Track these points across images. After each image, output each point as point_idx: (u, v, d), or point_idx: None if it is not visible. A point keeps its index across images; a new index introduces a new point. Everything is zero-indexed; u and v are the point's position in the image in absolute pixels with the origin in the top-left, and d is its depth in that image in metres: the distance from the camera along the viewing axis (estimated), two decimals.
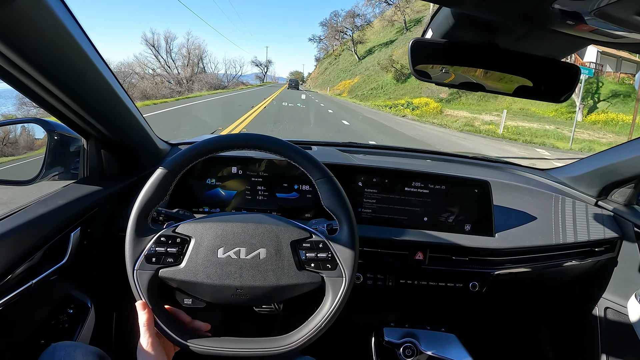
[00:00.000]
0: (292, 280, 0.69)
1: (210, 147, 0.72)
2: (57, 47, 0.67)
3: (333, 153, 1.31)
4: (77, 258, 0.93)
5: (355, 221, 0.72)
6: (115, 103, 0.89)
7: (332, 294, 0.69)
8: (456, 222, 1.10)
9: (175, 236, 0.70)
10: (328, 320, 0.68)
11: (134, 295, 0.69)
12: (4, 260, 0.73)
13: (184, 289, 0.71)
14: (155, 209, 0.72)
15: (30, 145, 1.02)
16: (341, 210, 0.72)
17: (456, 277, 1.10)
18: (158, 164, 1.15)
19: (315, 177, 0.72)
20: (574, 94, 0.84)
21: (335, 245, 0.71)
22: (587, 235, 1.17)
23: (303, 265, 0.70)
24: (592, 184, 1.29)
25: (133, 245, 0.69)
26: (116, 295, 1.16)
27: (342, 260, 0.70)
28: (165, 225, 0.73)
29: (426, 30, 0.78)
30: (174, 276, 0.69)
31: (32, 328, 0.88)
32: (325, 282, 0.70)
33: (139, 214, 0.70)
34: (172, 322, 0.70)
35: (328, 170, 0.73)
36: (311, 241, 0.71)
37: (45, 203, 0.86)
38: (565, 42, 0.76)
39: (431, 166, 1.30)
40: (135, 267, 0.68)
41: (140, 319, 0.68)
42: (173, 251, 0.69)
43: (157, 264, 0.69)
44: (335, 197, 0.72)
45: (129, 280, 0.69)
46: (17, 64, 0.64)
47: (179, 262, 0.69)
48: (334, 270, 0.70)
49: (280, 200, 1.12)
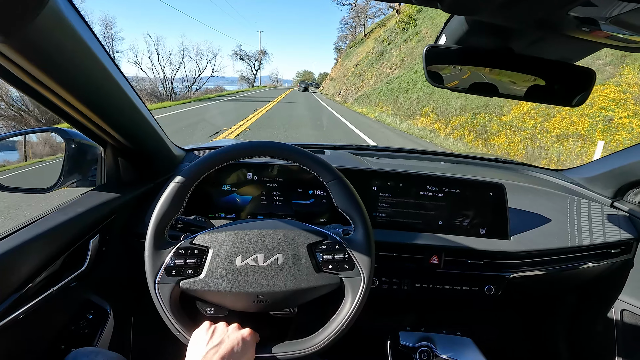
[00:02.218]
0: (311, 283, 0.70)
1: (221, 157, 0.73)
2: (77, 60, 0.68)
3: (346, 157, 1.31)
4: (96, 264, 0.95)
5: (369, 220, 0.73)
6: (132, 112, 0.91)
7: (352, 294, 0.70)
8: (471, 225, 1.10)
9: (193, 247, 0.71)
10: (349, 320, 0.69)
11: (157, 308, 0.70)
12: (26, 268, 0.75)
13: (206, 298, 0.72)
14: (173, 220, 0.73)
15: (48, 154, 1.04)
16: (355, 211, 0.72)
17: (471, 281, 1.10)
18: (174, 171, 1.18)
19: (327, 180, 0.73)
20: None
21: (351, 245, 0.71)
22: (602, 237, 1.16)
23: (321, 268, 0.71)
24: (607, 185, 1.28)
25: (152, 259, 0.70)
26: (134, 301, 1.17)
27: (359, 260, 0.70)
28: (182, 237, 0.74)
29: (439, 36, 0.78)
30: (194, 287, 0.70)
31: (53, 334, 0.89)
32: (343, 282, 0.70)
33: (156, 228, 0.71)
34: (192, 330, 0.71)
35: (339, 172, 0.73)
36: (327, 243, 0.71)
37: (64, 211, 0.87)
38: (579, 46, 0.76)
39: (445, 169, 1.30)
40: (157, 281, 0.69)
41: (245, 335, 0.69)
42: (192, 262, 0.70)
43: (177, 276, 0.70)
44: (347, 198, 0.72)
45: (151, 294, 0.70)
46: (38, 77, 0.65)
47: (198, 273, 0.70)
48: (352, 271, 0.70)
49: (296, 205, 1.13)
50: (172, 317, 0.69)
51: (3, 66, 0.61)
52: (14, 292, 0.73)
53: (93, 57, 0.71)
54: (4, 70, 0.63)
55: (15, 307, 0.73)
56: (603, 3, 0.45)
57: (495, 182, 1.11)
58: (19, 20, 0.51)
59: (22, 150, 1.00)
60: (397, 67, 20.78)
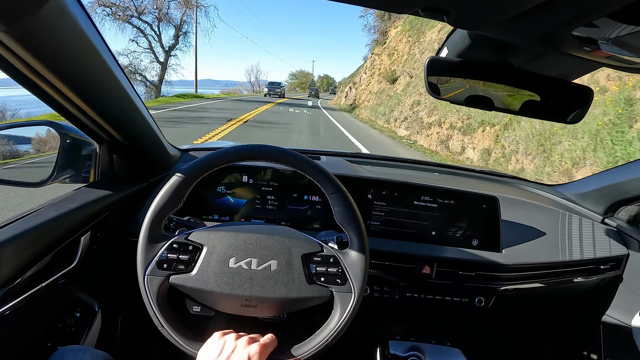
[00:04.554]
0: (301, 294, 0.69)
1: (227, 157, 0.72)
2: (78, 54, 0.68)
3: (341, 164, 1.32)
4: (86, 262, 0.93)
5: (366, 238, 0.72)
6: (131, 110, 0.90)
7: (341, 309, 0.69)
8: (464, 237, 1.10)
9: (187, 243, 0.70)
10: (335, 335, 0.69)
11: (144, 300, 0.69)
12: (15, 263, 0.73)
13: (194, 296, 0.72)
14: (168, 216, 0.73)
15: (42, 148, 1.03)
16: (353, 227, 0.72)
17: (462, 292, 1.11)
18: (169, 170, 1.17)
19: (329, 192, 0.72)
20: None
21: (346, 260, 0.71)
22: (593, 252, 1.17)
23: (313, 279, 0.70)
24: (598, 202, 1.30)
25: (145, 250, 0.70)
26: (122, 300, 1.16)
27: (352, 276, 0.70)
28: (177, 232, 0.74)
29: (441, 48, 0.79)
30: (184, 283, 0.69)
31: (40, 331, 0.88)
32: (334, 296, 0.70)
33: (153, 220, 0.70)
34: (179, 329, 0.70)
35: (342, 185, 0.73)
36: (322, 255, 0.71)
37: (56, 206, 0.86)
38: (579, 64, 0.77)
39: (439, 180, 1.30)
40: (147, 273, 0.69)
41: (264, 340, 0.68)
42: (185, 258, 0.70)
43: (168, 270, 0.69)
44: (348, 213, 0.72)
45: (140, 285, 0.69)
46: (37, 69, 0.64)
47: (190, 270, 0.69)
48: (344, 286, 0.70)
49: (290, 210, 1.12)
50: (157, 311, 0.69)
51: (2, 56, 0.60)
52: (1, 287, 0.72)
53: (95, 52, 0.70)
54: (3, 61, 0.62)
55: (2, 302, 0.72)
56: (605, 24, 0.46)
57: (490, 195, 1.12)
58: (23, 10, 0.50)
59: (15, 142, 0.98)
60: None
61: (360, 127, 14.57)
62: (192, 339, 0.70)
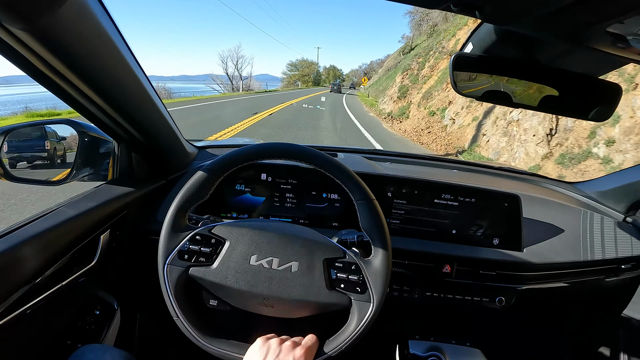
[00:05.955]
0: (320, 298, 0.68)
1: (256, 154, 0.72)
2: (98, 53, 0.67)
3: (359, 161, 1.30)
4: (105, 260, 0.94)
5: (390, 247, 0.71)
6: (150, 108, 0.90)
7: (358, 318, 0.68)
8: (484, 235, 1.09)
9: (210, 236, 0.70)
10: (349, 343, 0.68)
11: (162, 290, 0.69)
12: (35, 261, 0.74)
13: (212, 290, 0.71)
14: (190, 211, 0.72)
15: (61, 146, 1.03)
16: (378, 235, 0.70)
17: (483, 292, 1.09)
18: (187, 167, 1.17)
19: (357, 198, 0.71)
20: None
21: (368, 269, 0.69)
22: (614, 252, 1.15)
23: (333, 285, 0.69)
24: (620, 200, 1.27)
25: (168, 239, 0.69)
26: (141, 298, 1.16)
27: (373, 285, 0.69)
28: (200, 224, 0.73)
29: (466, 44, 0.77)
30: (203, 276, 0.69)
31: (60, 329, 0.88)
32: (352, 304, 0.69)
33: (178, 209, 0.70)
34: (194, 321, 0.70)
35: (371, 192, 0.72)
36: (344, 261, 0.70)
37: (76, 205, 0.86)
38: (606, 60, 0.75)
39: (459, 177, 1.29)
40: (167, 262, 0.69)
41: (306, 343, 0.67)
42: (206, 251, 0.69)
43: (188, 261, 0.69)
44: (374, 221, 0.71)
45: (159, 274, 0.69)
46: (57, 68, 0.64)
47: (210, 263, 0.69)
48: (363, 295, 0.68)
49: (309, 208, 1.12)
50: (174, 301, 0.68)
51: (23, 55, 0.60)
52: (23, 286, 0.72)
53: (115, 50, 0.70)
54: (23, 60, 0.62)
55: (23, 300, 0.72)
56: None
57: (511, 193, 1.10)
58: (43, 9, 0.50)
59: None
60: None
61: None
62: (206, 332, 0.69)
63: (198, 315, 0.71)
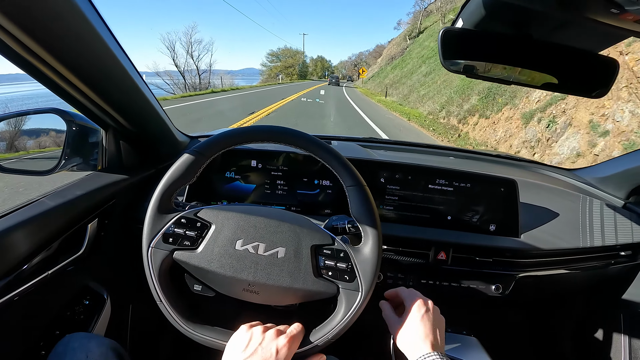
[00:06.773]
0: (306, 286, 0.66)
1: (244, 137, 0.70)
2: (80, 38, 0.66)
3: (354, 148, 1.28)
4: (94, 249, 0.93)
5: (381, 235, 0.69)
6: (135, 95, 0.88)
7: (345, 306, 0.66)
8: (480, 221, 1.07)
9: (196, 220, 0.68)
10: (336, 332, 0.66)
11: (145, 273, 0.67)
12: (21, 249, 0.73)
13: (196, 275, 0.70)
14: (175, 197, 0.71)
15: (49, 136, 1.02)
16: (369, 222, 0.68)
17: (479, 279, 1.07)
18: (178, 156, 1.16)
19: (347, 184, 0.69)
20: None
21: (357, 257, 0.67)
22: (614, 238, 1.13)
23: (320, 272, 0.67)
24: (620, 186, 1.25)
25: (153, 221, 0.68)
26: (133, 288, 1.15)
27: (362, 274, 0.67)
28: (187, 207, 0.72)
29: (456, 19, 0.75)
30: (188, 260, 0.67)
31: (48, 318, 0.88)
32: (340, 292, 0.67)
33: (164, 191, 0.68)
34: (177, 307, 0.68)
35: (361, 178, 0.70)
36: (332, 248, 0.68)
37: (63, 194, 0.85)
38: (604, 33, 0.73)
39: (455, 163, 1.26)
40: (151, 245, 0.67)
41: (291, 331, 0.65)
42: (192, 235, 0.68)
43: (173, 244, 0.67)
44: (365, 207, 0.69)
45: (143, 257, 0.67)
46: (39, 54, 0.63)
47: (195, 247, 0.67)
48: (351, 283, 0.66)
49: (300, 195, 1.10)
50: (157, 285, 0.67)
51: (2, 41, 0.59)
52: (8, 274, 0.71)
53: (96, 35, 0.69)
54: (2, 44, 0.60)
55: (9, 288, 0.71)
56: None
57: (507, 178, 1.07)
58: None
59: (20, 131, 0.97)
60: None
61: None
62: (189, 318, 0.68)
63: (182, 301, 0.70)
